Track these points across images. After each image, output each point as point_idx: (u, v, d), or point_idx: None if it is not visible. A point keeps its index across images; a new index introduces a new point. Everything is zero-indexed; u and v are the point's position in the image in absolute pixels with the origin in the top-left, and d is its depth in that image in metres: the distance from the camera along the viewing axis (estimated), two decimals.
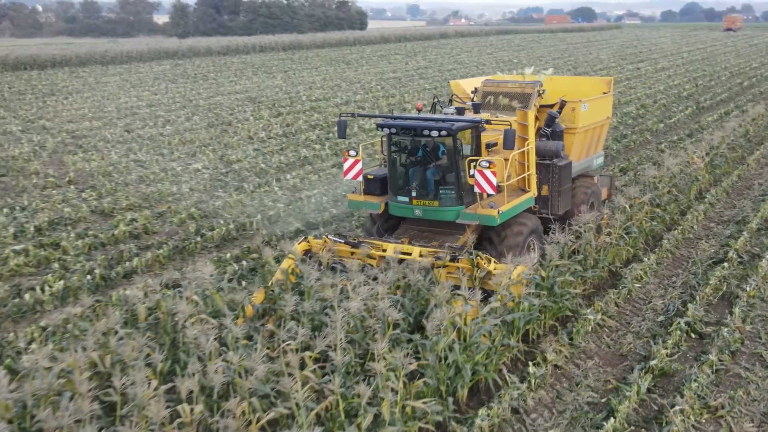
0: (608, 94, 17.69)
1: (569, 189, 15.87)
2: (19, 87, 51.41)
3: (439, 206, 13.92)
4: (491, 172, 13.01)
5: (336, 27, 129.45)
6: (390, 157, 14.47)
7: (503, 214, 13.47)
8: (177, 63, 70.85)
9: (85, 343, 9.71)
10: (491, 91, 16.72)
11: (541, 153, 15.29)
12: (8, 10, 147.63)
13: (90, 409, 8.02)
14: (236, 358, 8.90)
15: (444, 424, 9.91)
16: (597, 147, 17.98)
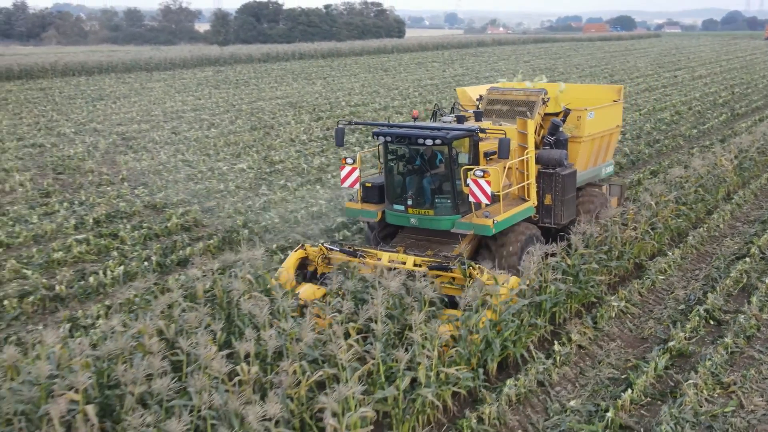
0: (618, 103, 17.54)
1: (574, 198, 15.70)
2: (69, 92, 53.20)
3: (435, 215, 13.83)
4: (486, 181, 12.90)
5: (374, 35, 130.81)
6: (386, 165, 14.41)
7: (498, 223, 13.35)
8: (219, 70, 72.50)
9: (151, 314, 10.81)
10: (496, 98, 16.58)
11: (545, 162, 15.19)
12: (54, 18, 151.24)
13: (160, 365, 9.08)
14: (288, 325, 9.93)
15: (474, 392, 10.85)
16: (606, 156, 17.74)
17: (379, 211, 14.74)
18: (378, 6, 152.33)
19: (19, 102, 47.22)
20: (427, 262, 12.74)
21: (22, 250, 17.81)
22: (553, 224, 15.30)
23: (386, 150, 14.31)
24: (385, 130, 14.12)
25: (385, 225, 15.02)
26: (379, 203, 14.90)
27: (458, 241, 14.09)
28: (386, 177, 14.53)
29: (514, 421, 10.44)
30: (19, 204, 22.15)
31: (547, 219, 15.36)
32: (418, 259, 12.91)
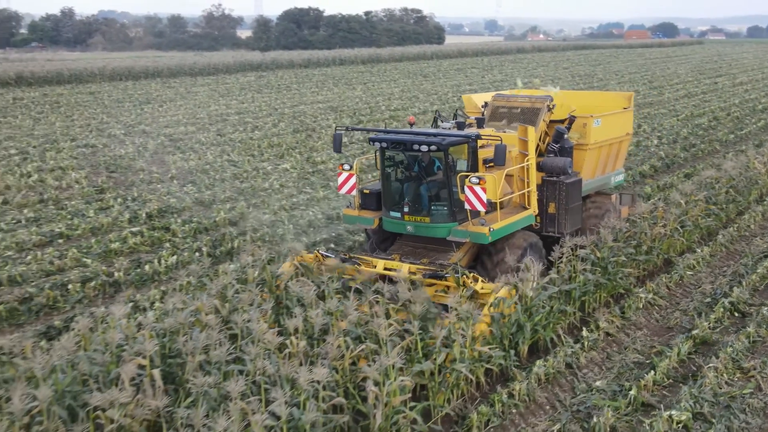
0: (628, 110, 17.34)
1: (579, 207, 15.46)
2: (117, 96, 54.79)
3: (431, 222, 13.62)
4: (481, 188, 12.76)
5: (414, 41, 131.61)
6: (383, 171, 14.20)
7: (495, 232, 13.15)
8: (261, 75, 73.87)
9: (207, 294, 11.75)
10: (501, 105, 16.25)
11: (548, 169, 15.05)
12: (100, 25, 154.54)
13: (217, 337, 9.97)
14: (333, 305, 10.78)
15: (506, 371, 11.60)
16: (615, 164, 17.49)
17: (377, 218, 14.53)
18: (418, 13, 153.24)
19: (71, 105, 48.84)
20: (422, 270, 12.62)
21: (81, 241, 18.92)
22: (556, 233, 15.01)
23: (383, 156, 14.10)
24: (381, 136, 13.94)
25: (383, 232, 14.83)
26: (377, 210, 14.64)
27: (454, 249, 13.92)
28: (383, 184, 14.33)
29: (543, 398, 11.17)
30: (75, 199, 23.35)
31: (551, 228, 15.14)
32: (413, 267, 12.74)
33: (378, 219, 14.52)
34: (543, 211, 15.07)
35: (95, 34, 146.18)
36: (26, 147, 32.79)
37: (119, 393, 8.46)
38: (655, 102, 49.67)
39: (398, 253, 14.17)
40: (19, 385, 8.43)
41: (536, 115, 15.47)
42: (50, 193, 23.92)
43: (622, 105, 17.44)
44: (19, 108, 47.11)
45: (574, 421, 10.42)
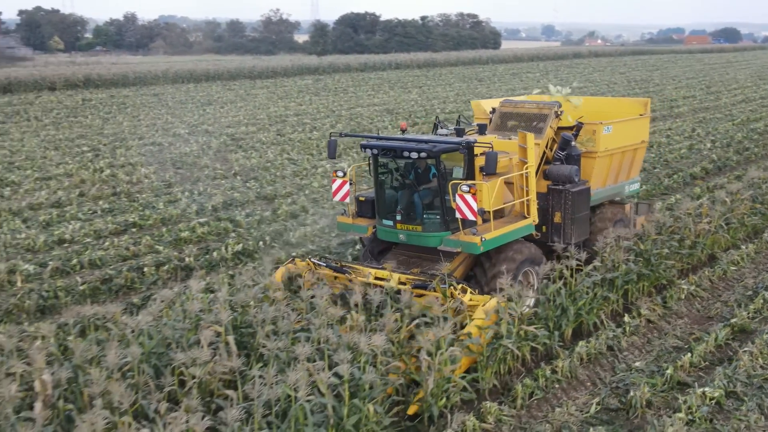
0: (644, 117, 16.82)
1: (586, 217, 15.09)
2: (180, 97, 56.63)
3: (423, 231, 13.33)
4: (472, 196, 12.45)
5: (469, 46, 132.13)
6: (376, 179, 13.90)
7: (488, 242, 12.77)
8: (318, 78, 75.34)
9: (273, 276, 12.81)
10: (508, 111, 15.90)
11: (554, 178, 14.70)
12: (162, 29, 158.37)
13: (284, 310, 10.99)
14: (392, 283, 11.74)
15: (550, 350, 12.40)
16: (630, 172, 16.91)
17: (371, 227, 14.28)
18: (474, 18, 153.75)
19: (136, 106, 50.73)
20: (411, 280, 12.42)
21: (153, 230, 20.20)
22: (562, 243, 14.37)
23: (375, 163, 13.76)
24: (372, 142, 13.62)
25: (380, 240, 14.45)
26: (372, 218, 14.36)
27: (449, 259, 13.64)
28: (376, 191, 14.02)
29: (584, 375, 11.95)
30: (146, 193, 24.74)
31: (557, 238, 14.64)
32: (403, 277, 12.54)
33: (372, 227, 14.23)
34: (548, 220, 14.74)
35: (156, 38, 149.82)
36: (97, 145, 34.47)
37: (200, 353, 9.51)
38: (711, 107, 49.62)
39: (392, 263, 13.83)
40: (112, 344, 9.54)
41: (543, 121, 15.09)
42: (122, 186, 25.36)
43: (638, 111, 16.93)
44: (88, 108, 49.18)
45: (613, 396, 11.18)
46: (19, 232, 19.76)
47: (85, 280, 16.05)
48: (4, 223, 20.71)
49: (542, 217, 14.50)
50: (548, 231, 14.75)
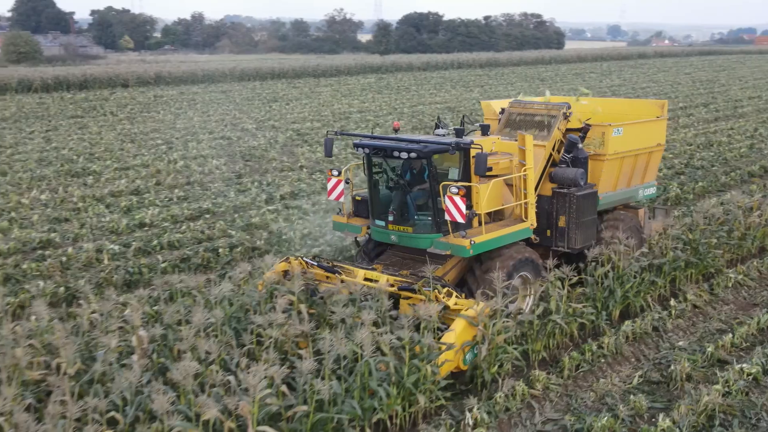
0: (661, 119, 16.36)
1: (593, 222, 14.73)
2: (246, 94, 58.36)
3: (414, 233, 13.18)
4: (461, 198, 12.24)
5: (532, 46, 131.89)
6: (369, 179, 13.80)
7: (477, 245, 12.56)
8: (381, 77, 76.52)
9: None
10: (516, 112, 15.62)
11: (559, 181, 14.43)
12: (228, 29, 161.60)
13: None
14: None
15: (597, 328, 13.20)
16: (645, 176, 16.38)
17: (365, 227, 14.27)
18: (537, 17, 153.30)
19: (205, 102, 52.53)
20: (399, 282, 12.34)
21: (226, 216, 21.50)
22: (566, 248, 14.30)
23: (369, 163, 13.68)
24: (364, 142, 13.54)
25: (376, 241, 14.40)
26: (368, 218, 14.24)
27: (443, 262, 13.51)
28: (369, 191, 13.94)
29: (629, 351, 12.72)
30: (217, 182, 26.11)
31: (561, 242, 14.41)
32: (392, 279, 12.47)
33: (366, 227, 14.21)
34: (553, 224, 14.49)
35: (222, 37, 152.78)
36: (170, 138, 36.11)
37: (275, 316, 10.60)
38: None
39: (385, 264, 13.87)
40: (198, 308, 10.70)
41: (551, 123, 14.84)
42: (195, 176, 26.79)
43: (654, 113, 16.46)
44: (160, 104, 51.16)
45: (655, 370, 11.95)
46: (103, 216, 21.27)
47: (166, 259, 17.36)
48: (89, 208, 22.26)
49: (547, 220, 14.44)
50: (553, 235, 14.52)
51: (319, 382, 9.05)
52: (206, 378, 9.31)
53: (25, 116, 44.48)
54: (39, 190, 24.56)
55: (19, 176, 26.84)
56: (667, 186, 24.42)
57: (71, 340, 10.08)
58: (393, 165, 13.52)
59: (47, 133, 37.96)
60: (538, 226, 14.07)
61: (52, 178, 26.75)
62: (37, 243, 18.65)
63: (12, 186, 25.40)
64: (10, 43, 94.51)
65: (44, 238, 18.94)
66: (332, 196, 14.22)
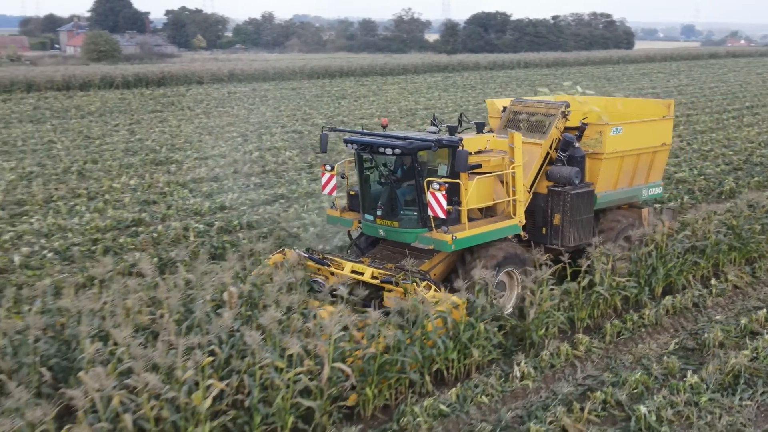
0: (667, 119, 16.38)
1: (588, 220, 14.82)
2: (316, 91, 60.30)
3: (400, 227, 13.45)
4: (442, 194, 12.48)
5: (601, 46, 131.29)
6: (360, 174, 14.14)
7: (459, 240, 12.81)
8: (447, 76, 77.77)
9: None
10: (518, 110, 15.76)
11: (554, 179, 14.62)
12: (297, 28, 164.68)
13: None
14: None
15: (639, 301, 14.34)
16: (649, 176, 16.39)
17: (356, 221, 14.61)
18: (607, 17, 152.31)
19: (276, 99, 54.58)
20: (382, 275, 12.80)
21: (299, 201, 23.12)
22: (560, 246, 14.45)
23: (359, 158, 14.01)
24: (353, 138, 13.90)
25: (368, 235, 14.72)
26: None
27: (430, 256, 13.86)
28: (360, 186, 14.26)
29: (668, 323, 13.84)
30: (290, 171, 27.83)
31: (555, 240, 14.60)
32: (376, 272, 12.95)
33: (358, 221, 14.53)
34: (548, 222, 14.71)
35: (292, 36, 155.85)
36: (245, 131, 38.04)
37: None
38: None
39: (375, 257, 14.28)
40: (279, 270, 12.24)
41: (549, 121, 15.00)
42: (270, 166, 28.54)
43: (659, 113, 16.52)
44: (234, 100, 53.36)
45: (690, 339, 13.06)
46: (187, 200, 23.10)
47: (245, 236, 19.02)
48: (174, 192, 24.16)
49: (543, 218, 14.74)
50: (547, 233, 14.73)
51: (386, 329, 10.48)
52: (288, 326, 10.81)
53: (109, 110, 47.12)
54: (128, 177, 26.59)
55: (108, 164, 28.99)
56: (722, 180, 25.19)
57: (173, 294, 11.72)
58: (384, 161, 13.71)
59: (131, 126, 40.34)
60: (535, 224, 14.63)
61: (139, 166, 28.82)
62: (129, 221, 20.55)
63: (103, 172, 27.53)
64: (90, 42, 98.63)
65: (136, 217, 20.84)
66: (326, 190, 14.74)
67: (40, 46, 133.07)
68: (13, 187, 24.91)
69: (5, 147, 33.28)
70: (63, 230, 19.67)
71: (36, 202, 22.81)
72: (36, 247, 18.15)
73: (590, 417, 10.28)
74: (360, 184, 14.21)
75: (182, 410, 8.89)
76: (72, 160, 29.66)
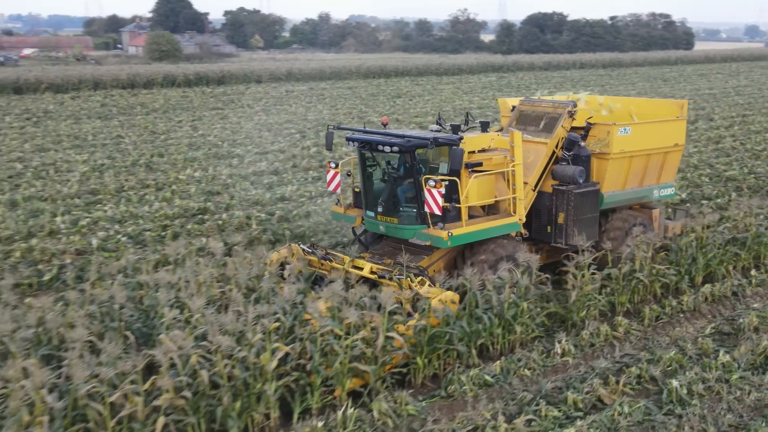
0: (680, 119, 16.27)
1: (593, 219, 14.90)
2: (371, 91, 61.43)
3: (398, 224, 13.68)
4: (437, 191, 12.69)
5: (660, 47, 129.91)
6: (363, 171, 14.35)
7: (455, 237, 13.00)
8: (502, 76, 78.28)
9: None
10: (526, 110, 15.89)
11: (559, 178, 14.73)
12: (353, 29, 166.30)
13: None
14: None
15: (678, 289, 15.00)
16: (660, 176, 16.26)
17: (359, 217, 14.77)
18: (666, 18, 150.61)
19: (333, 97, 55.86)
20: (380, 270, 13.08)
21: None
22: (564, 245, 14.53)
23: (361, 156, 14.24)
24: (355, 135, 14.06)
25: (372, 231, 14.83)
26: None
27: (430, 252, 14.01)
28: (362, 183, 14.45)
29: (706, 310, 14.48)
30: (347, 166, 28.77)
31: (560, 239, 14.69)
32: (375, 267, 13.20)
33: (361, 218, 14.73)
34: (553, 221, 14.80)
35: (348, 37, 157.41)
36: (302, 128, 39.27)
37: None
38: None
39: (377, 253, 14.53)
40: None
41: (556, 121, 15.04)
42: (327, 160, 29.56)
43: (673, 113, 16.47)
44: (291, 98, 54.78)
45: (727, 324, 13.69)
46: (248, 191, 24.30)
47: (303, 225, 20.08)
48: (236, 184, 25.39)
49: (547, 217, 14.84)
50: (552, 231, 14.79)
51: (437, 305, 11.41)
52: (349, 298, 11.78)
53: (172, 108, 48.89)
54: (192, 169, 27.94)
55: (173, 157, 30.44)
56: None
57: (240, 271, 12.80)
58: (387, 159, 13.97)
59: (193, 122, 41.92)
60: (540, 222, 14.88)
61: (202, 160, 30.19)
62: (195, 210, 21.79)
63: (169, 165, 28.96)
64: (153, 42, 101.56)
65: (201, 206, 22.10)
66: (331, 186, 14.96)
67: (103, 46, 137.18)
68: (86, 177, 26.45)
69: (77, 141, 35.08)
70: (134, 217, 21.02)
71: (108, 192, 24.26)
72: (111, 231, 19.51)
73: (625, 389, 11.06)
74: (362, 181, 14.43)
75: (251, 369, 9.91)
76: (139, 154, 31.22)
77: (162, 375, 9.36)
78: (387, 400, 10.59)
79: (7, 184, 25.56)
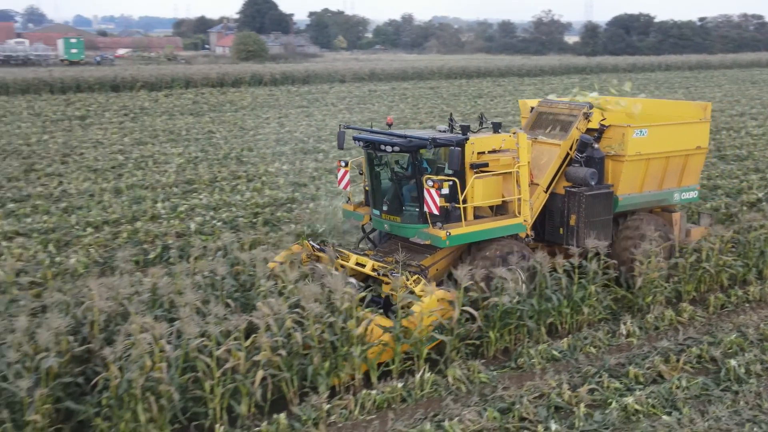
0: (704, 122, 15.96)
1: (606, 222, 14.73)
2: (453, 91, 62.33)
3: (401, 222, 13.80)
4: (436, 191, 12.74)
5: (751, 48, 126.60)
6: (371, 171, 14.48)
7: (454, 237, 13.07)
8: (585, 77, 77.93)
9: None
10: (543, 111, 15.77)
11: (571, 180, 14.62)
12: (436, 30, 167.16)
13: None
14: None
15: (745, 280, 15.60)
16: (683, 180, 15.91)
17: (367, 215, 14.90)
18: (759, 18, 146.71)
19: (415, 97, 56.99)
20: (380, 268, 13.28)
21: None
22: (576, 247, 14.08)
23: (368, 155, 14.43)
24: (361, 135, 14.25)
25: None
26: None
27: (433, 252, 14.06)
28: (370, 182, 14.61)
29: None
30: None
31: (571, 241, 14.53)
32: (376, 264, 13.41)
33: (369, 216, 14.85)
34: (565, 222, 14.71)
35: (430, 38, 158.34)
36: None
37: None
38: None
39: (382, 251, 14.69)
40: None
41: (571, 122, 14.90)
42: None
43: (696, 116, 16.15)
44: (374, 98, 56.16)
45: None
46: (333, 183, 25.56)
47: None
48: (322, 177, 26.72)
49: (560, 219, 14.80)
50: (564, 233, 14.73)
51: (508, 284, 12.37)
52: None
53: (259, 105, 50.84)
54: (280, 163, 29.42)
55: (262, 152, 32.03)
56: None
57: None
58: (396, 158, 14.12)
59: (280, 119, 43.63)
60: (553, 224, 14.92)
61: (289, 154, 31.67)
62: (284, 200, 23.18)
63: (258, 158, 30.53)
64: (240, 43, 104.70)
65: (289, 196, 23.47)
66: (341, 185, 15.17)
67: (191, 46, 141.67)
68: (182, 169, 28.22)
69: (172, 135, 37.13)
70: (228, 205, 22.53)
71: (203, 182, 25.90)
72: (207, 217, 21.03)
73: (684, 367, 11.81)
74: (369, 180, 14.60)
75: (339, 333, 11.07)
76: (230, 148, 32.94)
77: (260, 334, 10.59)
78: (461, 367, 11.61)
79: (111, 173, 27.52)
